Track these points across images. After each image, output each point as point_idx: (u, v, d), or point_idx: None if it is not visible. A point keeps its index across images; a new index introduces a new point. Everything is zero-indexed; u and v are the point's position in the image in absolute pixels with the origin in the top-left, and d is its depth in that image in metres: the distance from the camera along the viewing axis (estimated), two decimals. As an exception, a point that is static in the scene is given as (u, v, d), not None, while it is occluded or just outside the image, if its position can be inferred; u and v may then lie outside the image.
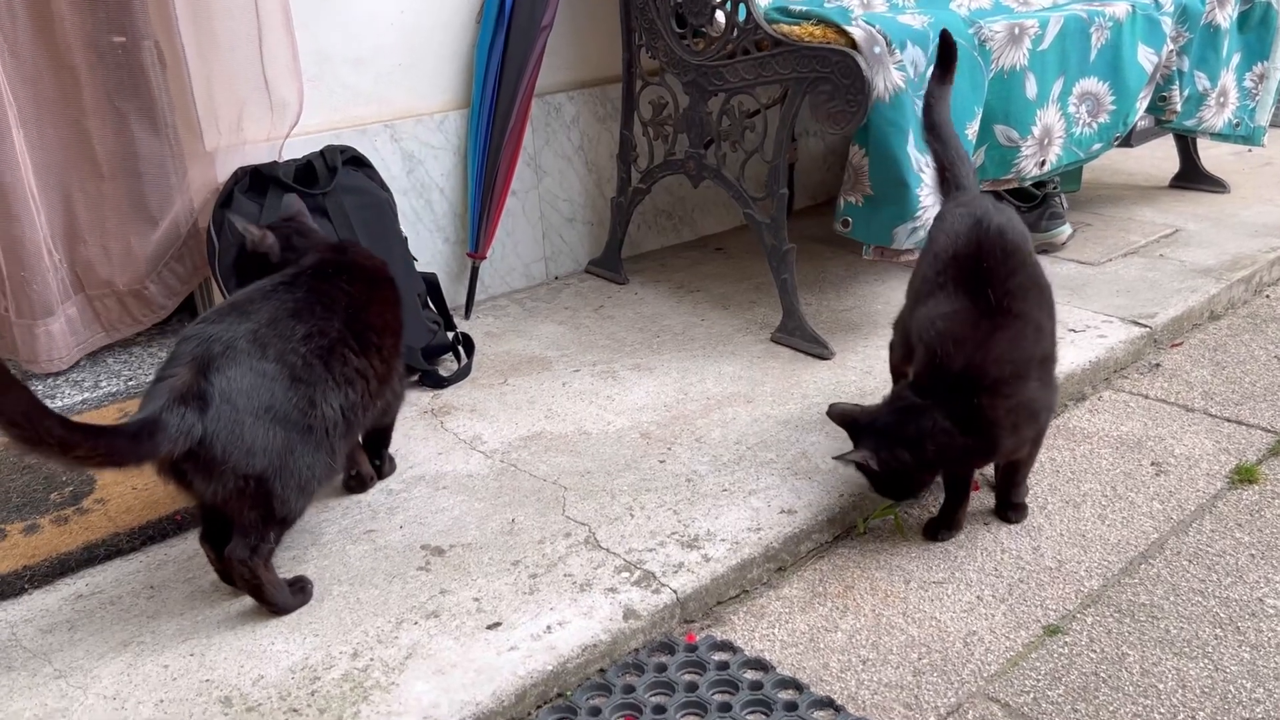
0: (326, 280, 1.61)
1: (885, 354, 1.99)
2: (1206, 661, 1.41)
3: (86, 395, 2.18)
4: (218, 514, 1.48)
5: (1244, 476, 1.84)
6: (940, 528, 1.72)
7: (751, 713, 1.35)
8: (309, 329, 1.51)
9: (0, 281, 2.17)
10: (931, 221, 2.13)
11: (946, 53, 1.84)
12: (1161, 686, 1.38)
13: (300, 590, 1.54)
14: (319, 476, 1.51)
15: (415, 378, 2.23)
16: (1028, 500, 1.77)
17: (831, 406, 1.71)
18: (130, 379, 2.24)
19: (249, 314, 1.49)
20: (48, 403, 2.13)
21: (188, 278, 2.36)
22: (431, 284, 2.35)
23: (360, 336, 1.59)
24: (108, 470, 1.61)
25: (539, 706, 1.39)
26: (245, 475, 1.40)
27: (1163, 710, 1.33)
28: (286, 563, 1.63)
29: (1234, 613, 1.51)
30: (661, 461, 1.89)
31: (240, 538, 1.44)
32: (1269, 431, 1.99)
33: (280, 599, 1.50)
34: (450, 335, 2.32)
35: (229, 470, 1.39)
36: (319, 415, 1.49)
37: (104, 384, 2.23)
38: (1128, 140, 2.86)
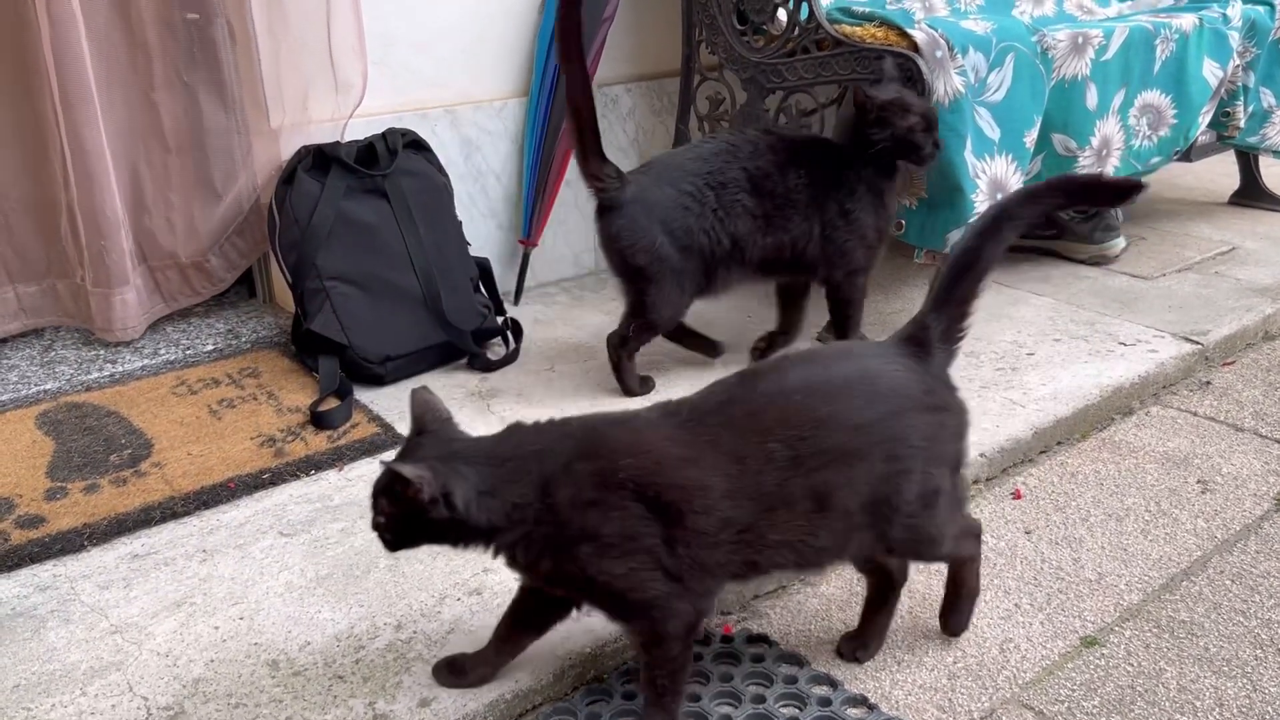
0: None
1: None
2: (1245, 681, 1.41)
3: (146, 362, 2.24)
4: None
5: (1292, 499, 1.82)
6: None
7: (785, 706, 1.37)
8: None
9: (79, 251, 2.24)
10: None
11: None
12: (1199, 704, 1.37)
13: (644, 382, 2.10)
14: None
15: (463, 361, 2.27)
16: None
17: None
18: (189, 348, 2.30)
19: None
20: (109, 368, 2.20)
21: (248, 252, 2.41)
22: (484, 269, 2.38)
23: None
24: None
25: (576, 688, 1.41)
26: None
27: (1198, 727, 1.33)
28: (335, 534, 1.67)
29: (1276, 634, 1.50)
30: (704, 454, 1.90)
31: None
32: (1320, 455, 1.96)
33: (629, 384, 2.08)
34: (500, 320, 2.35)
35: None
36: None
37: (163, 352, 2.29)
38: (1187, 155, 2.83)
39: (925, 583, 1.62)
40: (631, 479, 1.20)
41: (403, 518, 1.20)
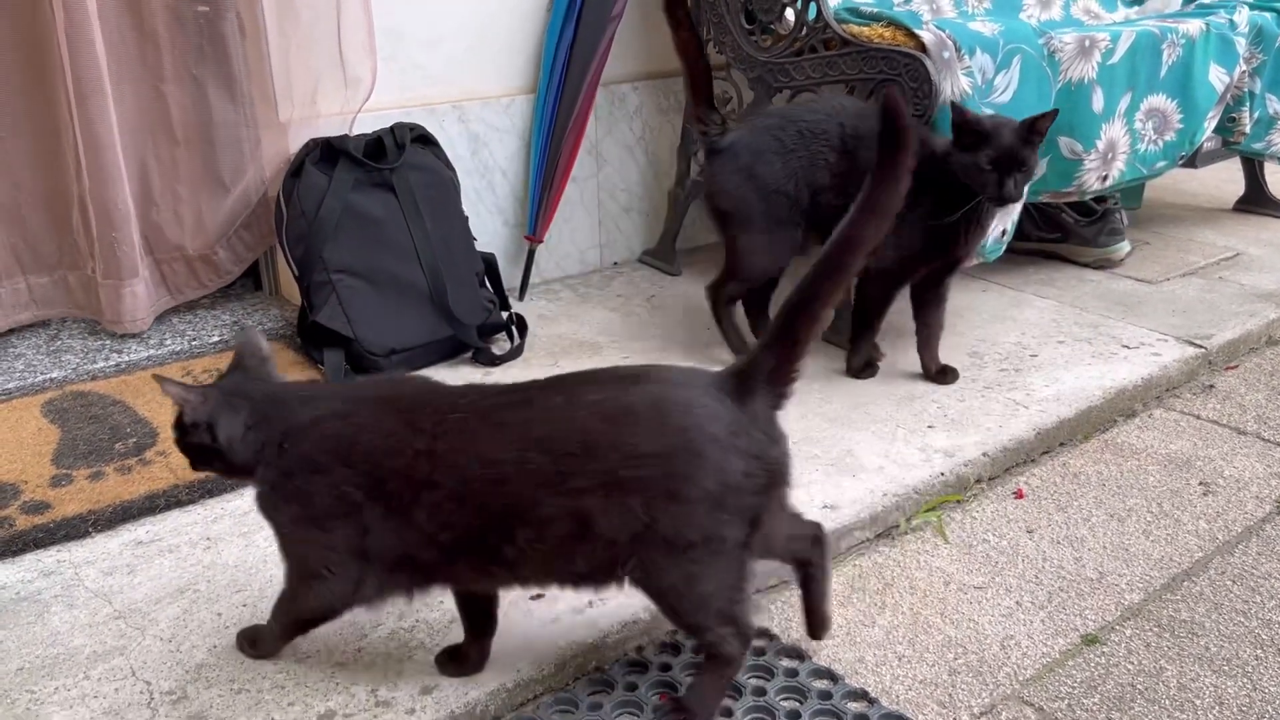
0: None
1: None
2: (1245, 680, 1.41)
3: (152, 352, 2.25)
4: None
5: (1294, 502, 1.82)
6: None
7: (786, 699, 1.37)
8: None
9: (89, 242, 2.25)
10: (992, 231, 2.13)
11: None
12: (1198, 702, 1.38)
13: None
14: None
15: (468, 355, 2.27)
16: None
17: None
18: (194, 338, 2.31)
19: None
20: (115, 358, 2.21)
21: (255, 245, 2.42)
22: (489, 264, 2.39)
23: None
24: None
25: (577, 678, 1.42)
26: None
27: (1198, 725, 1.34)
28: (338, 524, 1.68)
29: (1276, 635, 1.50)
30: (707, 451, 1.91)
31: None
32: (1322, 459, 1.97)
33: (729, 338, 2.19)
34: (505, 315, 2.36)
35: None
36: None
37: (169, 342, 2.29)
38: (1192, 161, 2.83)
39: (927, 580, 1.63)
40: (351, 455, 1.20)
41: (181, 439, 1.25)
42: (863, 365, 2.18)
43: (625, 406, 1.18)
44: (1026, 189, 1.89)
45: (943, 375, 2.14)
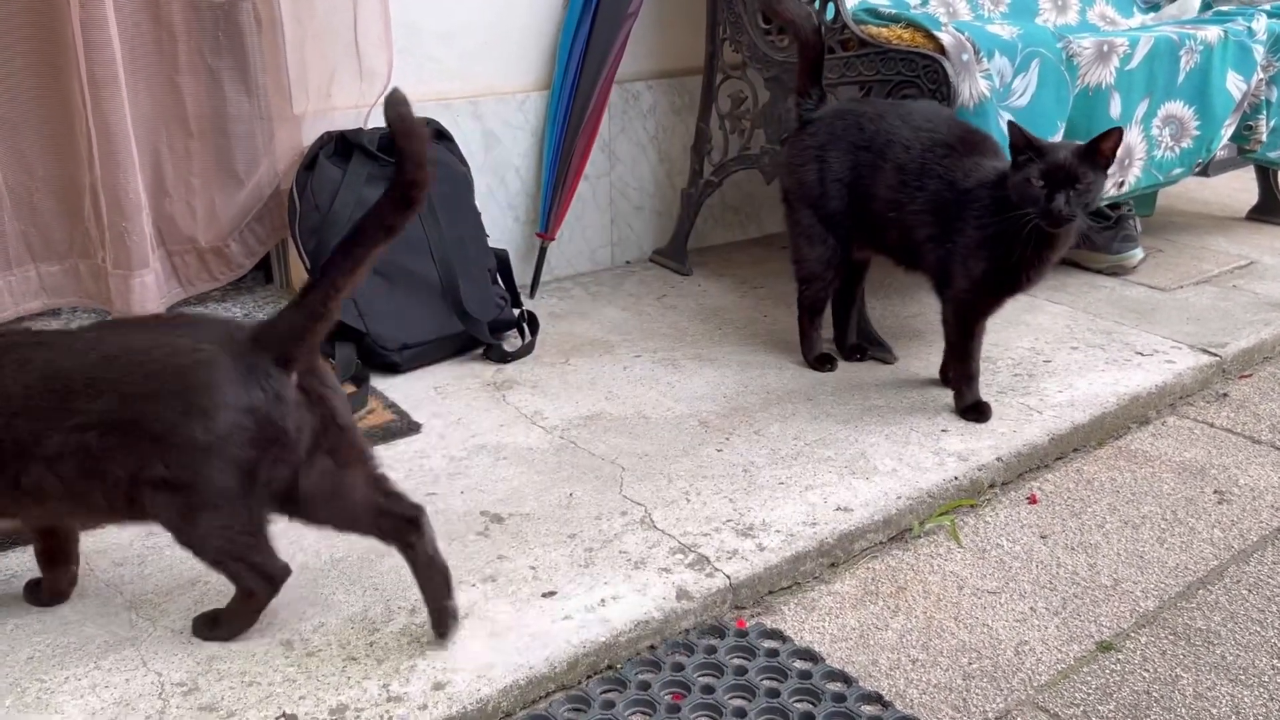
0: None
1: (950, 361, 2.01)
2: (1262, 690, 1.40)
3: (162, 343, 2.24)
4: None
5: (1309, 512, 1.81)
6: None
7: (799, 700, 1.36)
8: None
9: (100, 232, 2.24)
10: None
11: None
12: (1215, 711, 1.37)
13: (823, 360, 2.21)
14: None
15: (480, 351, 2.27)
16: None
17: None
18: (205, 331, 2.30)
19: None
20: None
21: (267, 238, 2.41)
22: (502, 260, 2.38)
23: None
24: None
25: (589, 676, 1.41)
26: None
27: (1215, 734, 1.33)
28: (349, 518, 1.67)
29: (1292, 645, 1.49)
30: (719, 450, 1.91)
31: None
32: (1337, 469, 1.96)
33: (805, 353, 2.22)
34: (516, 312, 2.35)
35: None
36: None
37: (179, 334, 2.28)
38: (1205, 170, 2.82)
39: (940, 583, 1.62)
40: None
41: None
42: (968, 407, 2.02)
43: (131, 348, 1.25)
44: (1083, 210, 1.77)
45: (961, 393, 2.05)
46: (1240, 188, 3.47)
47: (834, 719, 1.33)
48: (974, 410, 2.00)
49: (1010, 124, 1.81)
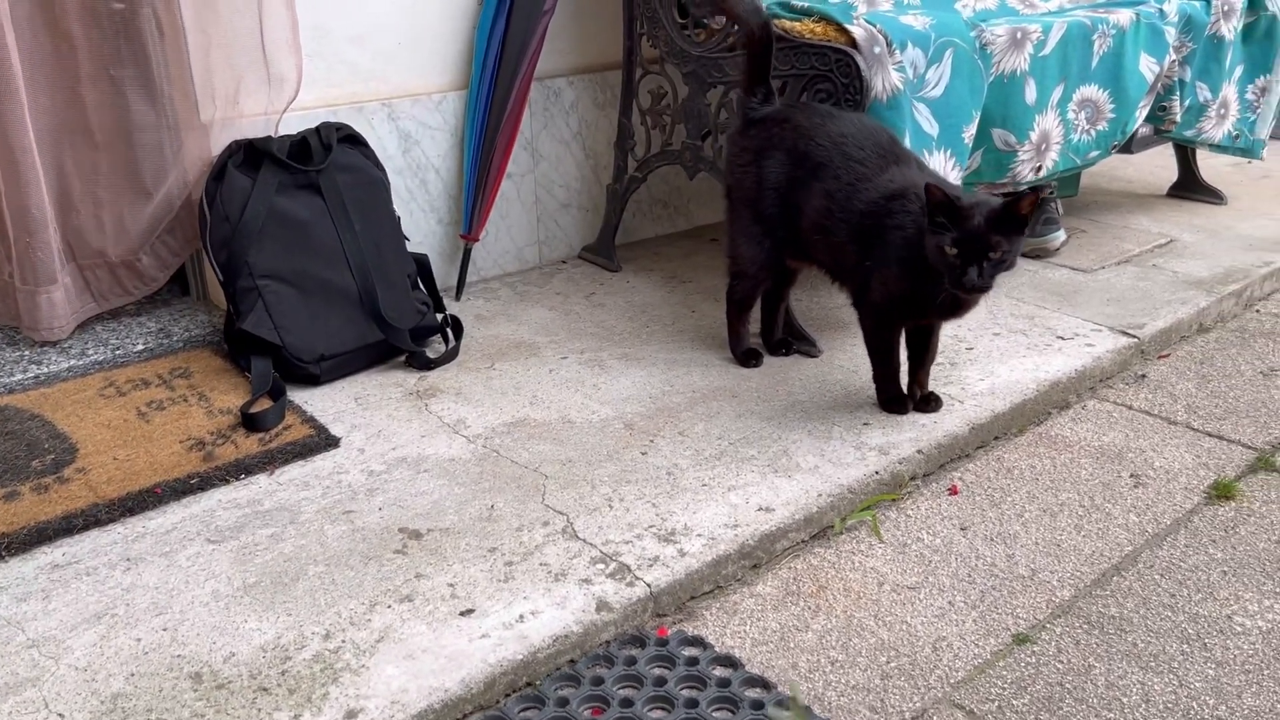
0: None
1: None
2: (1171, 676, 1.43)
3: (73, 362, 2.18)
4: None
5: (1221, 492, 1.84)
6: None
7: (718, 710, 1.36)
8: None
9: (7, 247, 2.17)
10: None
11: None
12: (1125, 700, 1.39)
13: (750, 356, 2.22)
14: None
15: (402, 359, 2.24)
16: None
17: None
18: (118, 348, 2.25)
19: None
20: (34, 369, 2.15)
21: (179, 250, 2.36)
22: (422, 265, 2.35)
23: None
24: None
25: (507, 695, 1.40)
26: None
27: (1125, 723, 1.35)
28: (264, 540, 1.64)
29: (1202, 629, 1.52)
30: (644, 453, 1.90)
31: None
32: (1249, 448, 2.00)
33: (733, 348, 2.22)
34: (439, 317, 2.32)
35: None
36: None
37: (91, 352, 2.23)
38: (1128, 147, 2.86)
39: (861, 581, 1.63)
40: None
41: None
42: (890, 399, 2.02)
43: None
44: (996, 279, 1.73)
45: (925, 404, 2.02)
46: (1162, 165, 3.53)
47: (751, 727, 1.33)
48: (895, 403, 2.01)
49: (927, 186, 1.72)
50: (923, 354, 2.04)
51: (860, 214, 1.90)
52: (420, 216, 2.55)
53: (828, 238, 1.97)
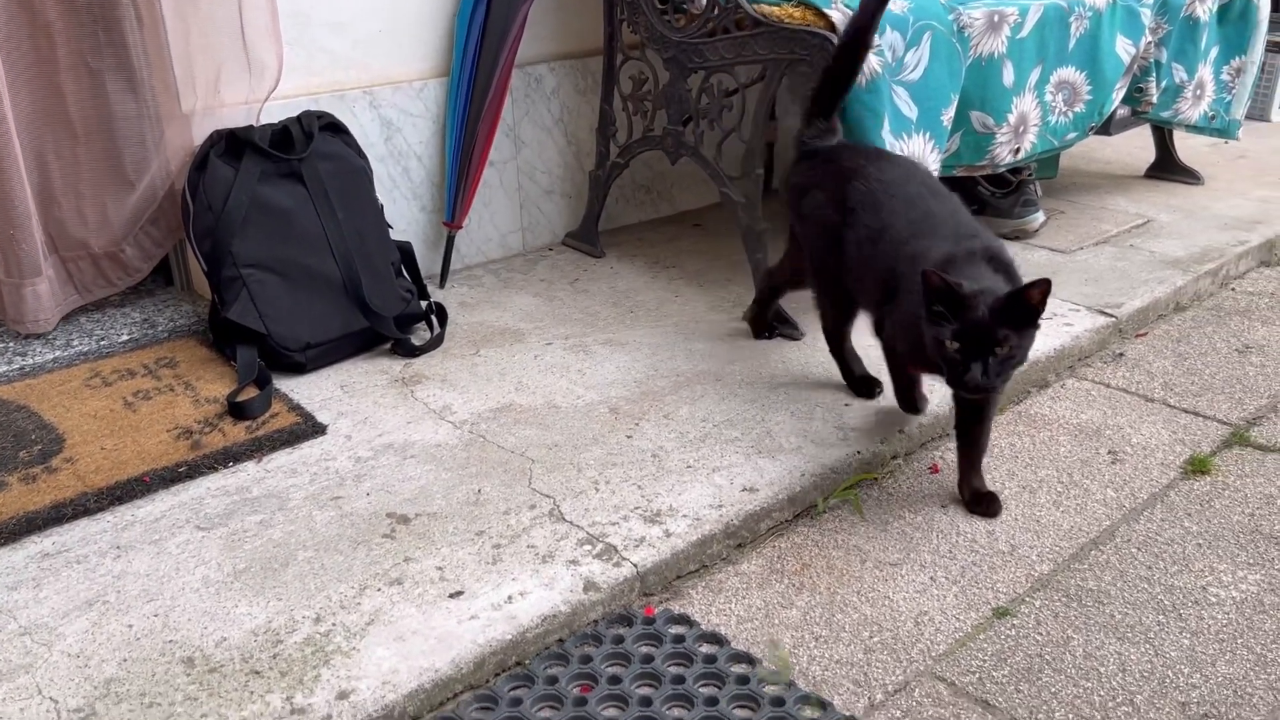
0: None
1: (854, 337, 2.02)
2: (1148, 646, 1.46)
3: (58, 354, 2.18)
4: None
5: (1197, 467, 1.88)
6: None
7: (704, 685, 1.39)
8: None
9: (-8, 241, 2.17)
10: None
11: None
12: (1103, 670, 1.42)
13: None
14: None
15: (387, 346, 2.25)
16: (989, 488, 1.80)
17: None
18: (102, 338, 2.25)
19: None
20: (19, 361, 2.15)
21: (163, 241, 2.35)
22: (406, 253, 2.35)
23: None
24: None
25: (497, 674, 1.42)
26: None
27: (1102, 693, 1.38)
28: (253, 526, 1.65)
29: (1177, 600, 1.55)
30: (629, 437, 1.92)
31: None
32: (1224, 424, 2.03)
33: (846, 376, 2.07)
34: (423, 304, 2.33)
35: None
36: None
37: (76, 343, 2.23)
38: (1106, 129, 2.89)
39: (844, 558, 1.65)
40: None
41: None
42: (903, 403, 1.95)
43: None
44: (1001, 378, 1.57)
45: (978, 504, 1.76)
46: (1140, 146, 3.56)
47: (738, 702, 1.36)
48: (909, 405, 1.95)
49: (925, 272, 1.53)
50: (970, 438, 1.78)
51: (887, 274, 1.75)
52: (403, 204, 2.56)
53: (857, 283, 1.87)
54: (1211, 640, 1.46)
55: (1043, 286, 1.52)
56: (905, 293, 1.69)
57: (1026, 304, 1.53)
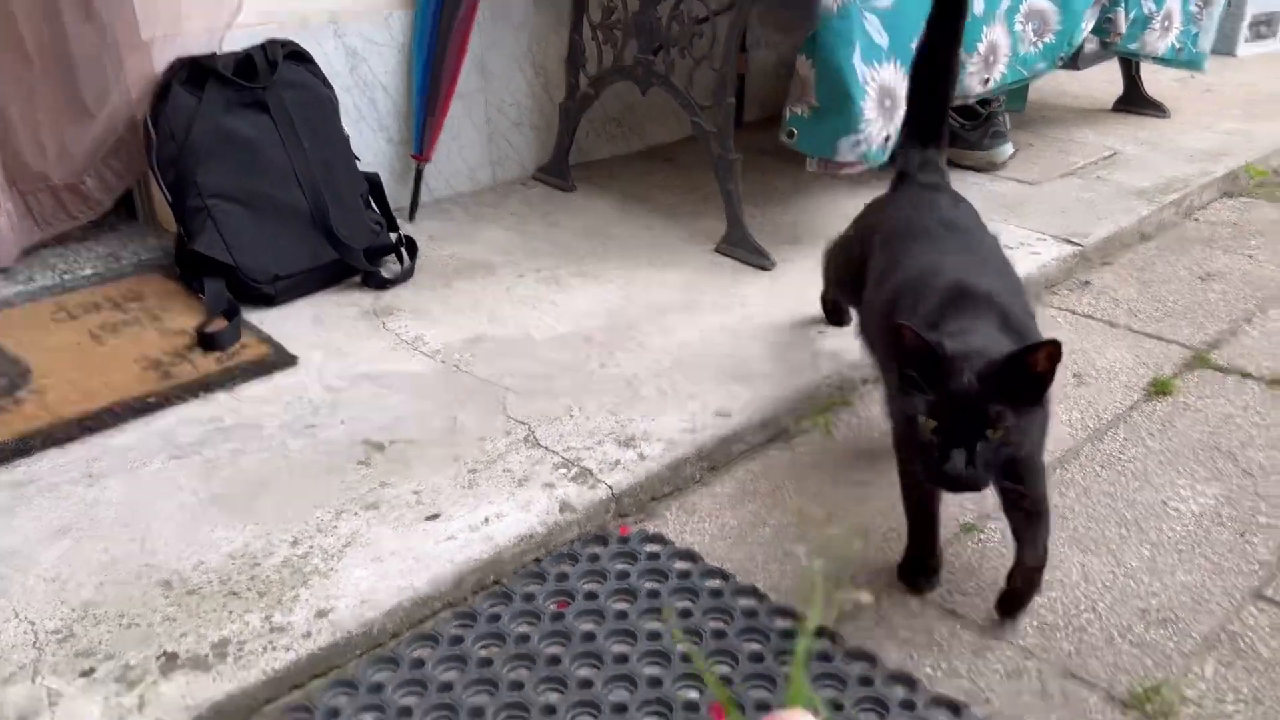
0: None
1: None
2: (1110, 557, 1.50)
3: (21, 288, 2.15)
4: None
5: (1159, 389, 1.92)
6: None
7: (679, 599, 1.41)
8: None
9: (-56, 173, 2.12)
10: (875, 136, 2.16)
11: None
12: (1066, 580, 1.46)
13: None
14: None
15: (357, 279, 2.23)
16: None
17: None
18: (66, 272, 2.22)
19: None
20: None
21: (125, 173, 2.31)
22: (374, 184, 2.33)
23: None
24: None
25: (476, 593, 1.43)
26: None
27: (1066, 601, 1.42)
28: (227, 455, 1.65)
29: (1139, 514, 1.59)
30: (603, 366, 1.92)
31: None
32: (1185, 347, 2.07)
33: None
34: (393, 237, 2.31)
35: None
36: None
37: (39, 278, 2.20)
38: (1074, 63, 2.89)
39: (815, 479, 1.68)
40: None
41: None
42: (902, 566, 1.48)
43: None
44: (992, 469, 1.19)
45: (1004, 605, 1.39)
46: (1108, 80, 3.57)
47: (712, 614, 1.38)
48: (907, 572, 1.48)
49: (899, 326, 1.19)
50: (1017, 521, 1.38)
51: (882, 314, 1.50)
52: (370, 135, 2.53)
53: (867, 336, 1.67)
54: (1170, 550, 1.51)
55: (1049, 350, 1.15)
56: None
57: (1029, 371, 1.16)
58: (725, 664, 1.31)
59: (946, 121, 1.74)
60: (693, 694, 1.26)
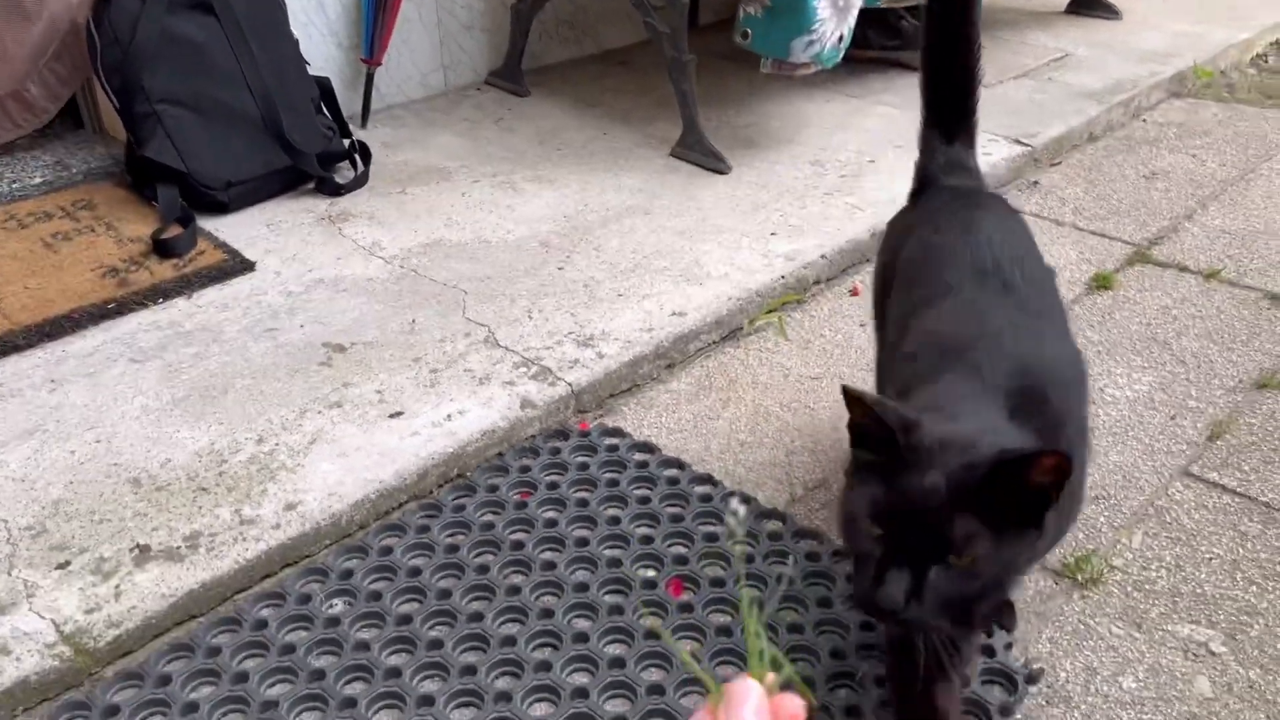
0: None
1: (780, 169, 2.06)
2: (1047, 442, 1.57)
3: (-32, 198, 2.12)
4: None
5: (1101, 283, 1.98)
6: None
7: (637, 487, 1.47)
8: None
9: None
10: (829, 36, 2.16)
11: None
12: (1006, 463, 1.53)
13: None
14: None
15: (311, 185, 2.22)
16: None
17: None
18: (14, 181, 2.18)
19: None
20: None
21: (69, 79, 2.27)
22: (325, 89, 2.30)
23: None
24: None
25: (440, 485, 1.48)
26: None
27: (1004, 482, 1.49)
28: (188, 358, 1.67)
29: (1076, 401, 1.66)
30: (560, 269, 1.95)
31: None
32: (1128, 244, 2.13)
33: None
34: (346, 143, 2.29)
35: None
36: None
37: (-15, 187, 2.17)
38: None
39: (768, 374, 1.73)
40: None
41: None
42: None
43: None
44: (942, 613, 0.86)
45: None
46: (1062, -18, 3.57)
47: (668, 500, 1.44)
48: None
49: (844, 389, 0.94)
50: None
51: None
52: (319, 39, 2.48)
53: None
54: (1106, 434, 1.58)
55: (1054, 460, 0.82)
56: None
57: (1022, 484, 0.85)
58: (681, 545, 1.37)
59: (975, 107, 1.37)
60: (650, 572, 1.32)
